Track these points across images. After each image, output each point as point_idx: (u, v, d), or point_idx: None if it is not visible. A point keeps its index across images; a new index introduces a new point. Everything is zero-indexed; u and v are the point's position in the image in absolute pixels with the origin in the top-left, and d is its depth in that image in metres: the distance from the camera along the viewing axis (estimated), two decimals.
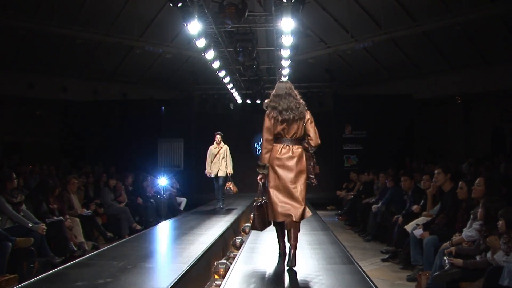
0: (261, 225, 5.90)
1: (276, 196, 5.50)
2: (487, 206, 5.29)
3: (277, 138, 5.68)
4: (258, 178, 5.77)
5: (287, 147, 5.66)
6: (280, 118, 5.61)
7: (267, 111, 5.70)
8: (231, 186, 12.07)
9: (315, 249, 6.82)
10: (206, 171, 12.39)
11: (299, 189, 5.54)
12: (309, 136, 5.80)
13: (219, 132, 12.46)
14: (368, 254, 9.17)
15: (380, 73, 18.30)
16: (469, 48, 15.09)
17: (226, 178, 12.24)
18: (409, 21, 14.31)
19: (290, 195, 5.49)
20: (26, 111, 17.69)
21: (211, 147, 12.47)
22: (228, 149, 12.44)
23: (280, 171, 5.57)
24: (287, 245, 5.51)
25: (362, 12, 14.59)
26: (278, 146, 5.66)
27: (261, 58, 15.70)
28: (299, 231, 5.44)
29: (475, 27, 13.86)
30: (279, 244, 6.00)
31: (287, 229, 5.45)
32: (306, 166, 5.75)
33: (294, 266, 5.29)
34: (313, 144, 5.81)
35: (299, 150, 5.72)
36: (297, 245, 5.37)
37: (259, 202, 5.85)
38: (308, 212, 5.62)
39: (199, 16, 10.92)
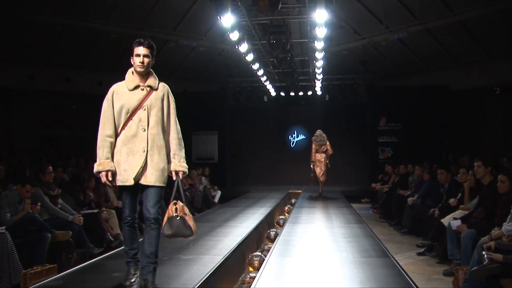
0: (313, 181, 13.91)
1: (316, 171, 13.58)
2: None
3: (316, 151, 13.66)
4: (311, 165, 13.68)
5: (320, 154, 13.66)
6: (317, 144, 13.66)
7: (313, 142, 13.77)
8: (184, 211, 4.59)
9: (350, 242, 6.80)
10: (97, 167, 4.47)
11: (324, 169, 13.61)
12: (328, 149, 13.68)
13: (144, 41, 4.57)
14: (403, 248, 9.07)
15: (415, 64, 18.03)
16: (508, 37, 14.71)
17: (162, 190, 4.61)
18: (445, 11, 14.03)
19: (320, 171, 13.57)
20: (63, 105, 18.05)
21: (116, 87, 4.64)
22: (169, 95, 4.76)
23: (317, 162, 13.64)
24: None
25: (397, 2, 14.37)
26: (317, 154, 13.66)
27: (295, 50, 15.63)
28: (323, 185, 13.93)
29: None
30: (319, 189, 14.05)
31: (320, 183, 13.84)
32: (326, 161, 13.68)
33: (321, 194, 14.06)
34: (330, 153, 13.71)
35: (324, 155, 13.63)
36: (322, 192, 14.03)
37: (312, 174, 13.66)
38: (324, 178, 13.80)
39: (233, 9, 10.93)
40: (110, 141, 4.53)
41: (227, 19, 10.80)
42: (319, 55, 14.08)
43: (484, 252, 5.38)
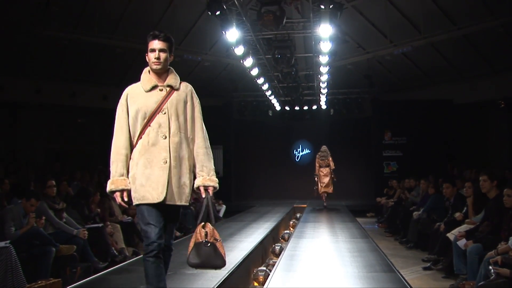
0: (317, 194, 14.61)
1: (320, 184, 14.41)
2: None
3: (320, 165, 14.57)
4: (315, 178, 14.58)
5: (324, 168, 14.52)
6: (320, 159, 14.59)
7: (317, 157, 14.75)
8: (214, 236, 3.83)
9: (355, 257, 6.76)
10: (109, 186, 3.85)
11: (330, 182, 14.39)
12: (330, 165, 14.50)
13: (159, 33, 3.97)
14: (409, 262, 9.01)
15: (419, 78, 18.03)
16: None
17: (185, 213, 4.48)
18: (449, 25, 14.05)
19: (325, 183, 14.33)
20: (68, 120, 18.11)
21: (130, 89, 4.01)
22: (193, 96, 4.19)
23: (322, 175, 14.50)
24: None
25: (401, 16, 14.42)
26: (321, 168, 14.54)
27: (300, 64, 15.67)
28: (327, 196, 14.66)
29: None
30: (324, 201, 14.74)
31: (324, 196, 14.58)
32: (331, 174, 14.49)
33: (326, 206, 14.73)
34: (333, 167, 14.51)
35: (328, 169, 14.50)
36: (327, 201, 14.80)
37: (315, 187, 14.55)
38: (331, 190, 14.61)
39: (237, 24, 11.00)
40: (125, 153, 3.84)
41: (232, 34, 10.86)
42: (323, 69, 14.12)
43: (490, 267, 5.34)
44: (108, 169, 3.91)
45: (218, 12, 10.21)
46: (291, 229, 11.55)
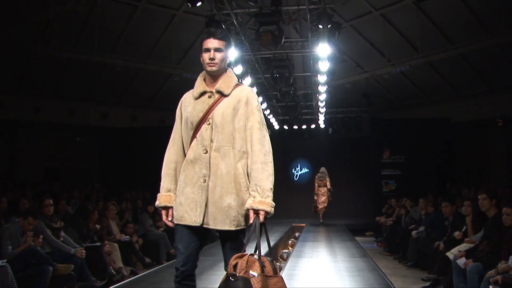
0: (315, 211, 16.45)
1: (318, 202, 16.31)
2: None
3: (319, 185, 16.48)
4: (314, 197, 16.45)
5: (322, 188, 16.37)
6: (319, 180, 16.52)
7: (316, 178, 16.75)
8: (251, 268, 3.01)
9: (354, 276, 6.73)
10: (156, 201, 3.58)
11: (325, 201, 16.21)
12: (328, 185, 16.34)
13: (216, 30, 3.55)
14: (408, 282, 8.95)
15: (417, 97, 18.11)
16: (509, 70, 14.78)
17: (241, 236, 3.48)
18: (446, 44, 14.16)
19: (323, 203, 16.20)
20: (67, 138, 18.11)
21: (185, 95, 3.75)
22: (249, 102, 3.46)
23: (320, 194, 16.37)
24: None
25: (399, 36, 14.53)
26: (319, 188, 16.43)
27: (298, 84, 15.75)
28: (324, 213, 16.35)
29: None
30: (320, 217, 16.38)
31: (321, 213, 16.32)
32: (328, 193, 16.25)
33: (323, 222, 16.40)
34: (329, 187, 16.37)
35: (325, 188, 16.32)
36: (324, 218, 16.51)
37: (314, 204, 16.49)
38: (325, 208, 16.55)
39: (236, 43, 11.08)
40: (173, 167, 3.52)
41: (231, 53, 10.92)
42: (322, 88, 14.17)
43: (491, 286, 5.31)
44: (105, 188, 3.92)
45: None
46: (290, 248, 11.51)
